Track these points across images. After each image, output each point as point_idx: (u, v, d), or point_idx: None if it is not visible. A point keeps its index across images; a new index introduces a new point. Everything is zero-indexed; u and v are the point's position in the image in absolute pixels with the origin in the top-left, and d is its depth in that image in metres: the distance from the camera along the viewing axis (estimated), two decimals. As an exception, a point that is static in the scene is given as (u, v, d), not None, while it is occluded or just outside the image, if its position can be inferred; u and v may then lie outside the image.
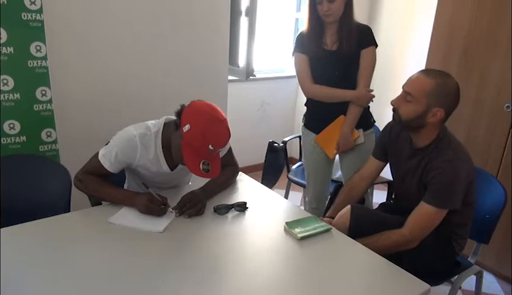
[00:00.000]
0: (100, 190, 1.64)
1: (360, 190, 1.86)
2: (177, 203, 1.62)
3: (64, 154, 2.22)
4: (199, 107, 1.52)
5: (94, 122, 2.42)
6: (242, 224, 1.59)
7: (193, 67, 2.69)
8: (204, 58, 2.71)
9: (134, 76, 2.50)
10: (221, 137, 1.51)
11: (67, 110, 2.32)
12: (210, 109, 1.51)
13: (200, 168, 1.47)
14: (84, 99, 2.38)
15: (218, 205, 1.64)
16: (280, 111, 4.15)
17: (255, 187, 1.91)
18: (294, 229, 1.50)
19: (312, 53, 2.14)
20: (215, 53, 2.75)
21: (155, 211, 1.54)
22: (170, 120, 1.66)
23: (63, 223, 1.55)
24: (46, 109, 2.10)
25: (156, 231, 1.47)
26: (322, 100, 2.20)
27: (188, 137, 1.46)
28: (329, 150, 2.26)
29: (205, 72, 2.75)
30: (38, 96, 2.06)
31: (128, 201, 1.60)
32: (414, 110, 1.56)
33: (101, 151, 1.65)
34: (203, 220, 1.58)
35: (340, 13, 2.04)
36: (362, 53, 2.09)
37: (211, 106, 1.53)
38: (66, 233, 1.47)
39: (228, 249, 1.42)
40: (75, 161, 1.83)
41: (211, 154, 1.49)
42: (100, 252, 1.36)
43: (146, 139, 1.61)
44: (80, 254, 1.35)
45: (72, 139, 2.35)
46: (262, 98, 3.97)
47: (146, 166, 1.66)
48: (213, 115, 1.49)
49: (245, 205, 1.66)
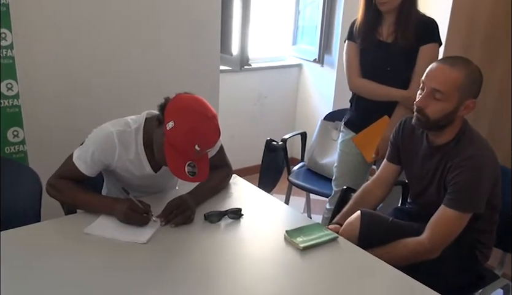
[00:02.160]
0: (74, 196, 1.63)
1: (373, 197, 1.86)
2: (162, 210, 1.61)
3: (33, 156, 2.21)
4: (185, 101, 1.52)
5: (67, 120, 2.40)
6: (237, 233, 1.59)
7: (180, 56, 2.68)
8: (191, 44, 2.70)
9: (112, 66, 2.49)
10: (209, 136, 1.50)
11: (37, 107, 2.31)
12: (197, 104, 1.50)
13: (185, 171, 1.46)
14: (55, 93, 2.36)
15: (210, 212, 1.63)
16: (280, 105, 4.14)
17: (251, 191, 1.91)
18: (295, 238, 1.50)
19: (363, 42, 2.16)
20: (205, 39, 2.75)
21: (135, 220, 1.53)
22: (152, 115, 1.65)
23: (33, 234, 1.53)
24: (13, 105, 2.08)
25: (139, 242, 1.47)
26: (367, 97, 2.22)
27: (172, 136, 1.46)
28: (367, 153, 2.28)
29: (193, 61, 2.74)
30: (3, 91, 2.05)
31: (106, 209, 1.60)
32: (444, 108, 1.57)
33: (76, 152, 1.65)
34: (192, 230, 1.58)
35: (398, 1, 2.04)
36: (421, 50, 2.09)
37: (199, 100, 1.53)
38: (36, 245, 1.46)
39: (221, 262, 1.42)
40: (46, 164, 1.82)
41: (198, 155, 1.49)
42: (76, 266, 1.35)
43: (125, 137, 1.61)
44: (52, 269, 1.34)
45: (42, 140, 2.34)
46: (259, 91, 3.96)
47: (126, 167, 1.66)
48: (201, 112, 1.48)
49: (240, 212, 1.66)
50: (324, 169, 2.82)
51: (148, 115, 1.66)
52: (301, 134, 3.08)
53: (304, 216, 1.76)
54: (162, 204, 1.63)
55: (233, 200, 1.81)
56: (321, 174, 2.84)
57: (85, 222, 1.56)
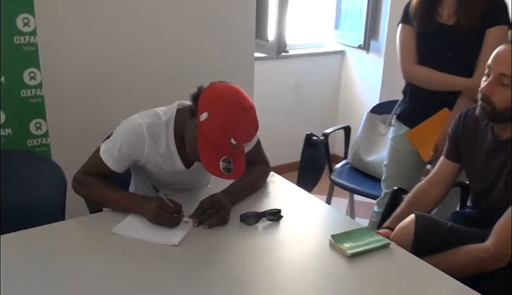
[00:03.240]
0: (101, 193, 1.65)
1: (428, 199, 1.82)
2: (194, 210, 1.61)
3: (56, 150, 2.25)
4: (220, 90, 1.51)
5: (93, 111, 2.44)
6: (276, 237, 1.59)
7: (212, 42, 2.68)
8: (223, 30, 2.70)
9: (140, 55, 2.51)
10: (246, 129, 1.50)
11: (61, 97, 2.35)
12: (233, 94, 1.50)
13: (219, 167, 1.47)
14: (81, 82, 2.40)
15: (246, 213, 1.63)
16: (320, 96, 4.12)
17: (291, 190, 1.90)
18: (342, 244, 1.48)
19: (421, 25, 2.12)
20: (238, 23, 2.74)
21: (165, 221, 1.54)
22: (184, 105, 1.66)
23: (57, 233, 1.55)
24: (36, 95, 2.12)
25: (170, 244, 1.47)
26: (424, 86, 2.18)
27: (206, 128, 1.46)
28: (423, 150, 2.24)
29: (226, 48, 2.74)
30: (26, 80, 2.09)
31: (134, 208, 1.61)
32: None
33: (103, 146, 1.66)
34: (227, 232, 1.58)
35: None
36: (488, 33, 2.03)
37: (235, 89, 1.52)
38: (61, 245, 1.48)
39: (258, 268, 1.41)
40: (70, 158, 1.84)
41: (233, 150, 1.48)
42: (102, 269, 1.36)
43: (155, 129, 1.62)
44: (77, 271, 1.35)
45: (65, 132, 2.38)
46: (297, 80, 3.95)
47: (156, 162, 1.66)
48: (238, 102, 1.47)
49: (279, 213, 1.65)
50: (370, 167, 2.79)
51: (179, 106, 1.66)
52: (344, 128, 3.05)
53: (350, 219, 1.74)
54: (194, 204, 1.63)
55: (271, 200, 1.80)
56: (366, 173, 2.81)
57: (112, 221, 1.57)
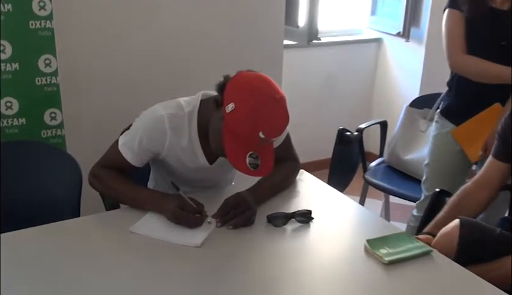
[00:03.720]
0: (118, 189, 1.66)
1: (474, 203, 1.79)
2: (217, 209, 1.61)
3: (72, 141, 2.29)
4: (248, 80, 1.51)
5: (112, 100, 2.47)
6: (306, 240, 1.58)
7: (239, 29, 2.68)
8: (252, 15, 2.70)
9: (164, 41, 2.53)
10: (276, 122, 1.49)
11: (77, 85, 2.38)
12: (263, 84, 1.49)
13: (246, 163, 1.47)
14: (99, 70, 2.43)
15: (274, 214, 1.62)
16: (354, 88, 4.10)
17: (321, 190, 1.90)
18: (379, 250, 1.47)
19: (471, 10, 2.09)
20: (267, 9, 2.74)
21: (186, 221, 1.54)
22: (209, 96, 1.66)
23: (71, 231, 1.57)
24: (51, 84, 2.16)
25: (192, 245, 1.48)
26: (474, 78, 2.14)
27: (232, 120, 1.46)
28: (471, 150, 2.21)
29: (254, 35, 2.74)
30: (41, 67, 2.13)
31: (153, 205, 1.62)
32: None
33: (121, 138, 1.68)
34: (253, 233, 1.58)
35: None
36: None
37: (265, 78, 1.52)
38: (75, 244, 1.50)
39: (286, 274, 1.41)
40: (86, 151, 1.87)
41: (262, 144, 1.48)
42: (118, 270, 1.38)
43: (177, 121, 1.62)
44: (91, 272, 1.36)
45: (82, 123, 2.42)
46: (329, 70, 3.93)
47: (177, 157, 1.67)
48: (267, 92, 1.47)
49: (309, 215, 1.64)
50: (408, 166, 2.76)
51: (204, 96, 1.67)
52: (380, 123, 3.03)
53: (387, 222, 1.72)
54: (217, 203, 1.64)
55: (300, 200, 1.80)
56: (404, 172, 2.79)
57: (130, 219, 1.59)
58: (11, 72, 2.07)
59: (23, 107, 2.13)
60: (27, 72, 2.10)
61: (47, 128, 2.21)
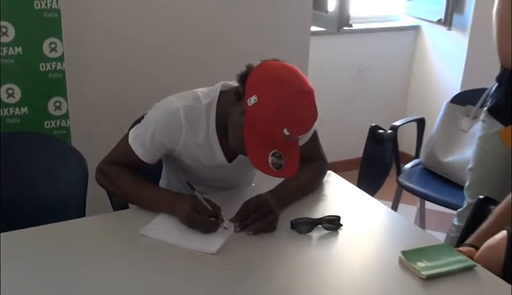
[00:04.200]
0: (128, 187, 1.67)
1: None
2: (235, 213, 1.61)
3: (77, 133, 2.30)
4: (273, 70, 1.50)
5: (122, 90, 2.48)
6: (334, 250, 1.58)
7: (261, 12, 2.68)
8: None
9: (180, 25, 2.53)
10: (303, 117, 1.48)
11: (84, 73, 2.40)
12: (289, 74, 1.49)
13: (268, 162, 1.46)
14: (108, 56, 2.44)
15: (298, 219, 1.62)
16: (388, 81, 4.10)
17: (350, 193, 1.90)
18: (416, 263, 1.45)
19: None
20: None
21: (200, 225, 1.54)
22: (229, 87, 1.66)
23: (75, 232, 1.58)
24: (56, 70, 2.17)
25: (208, 252, 1.47)
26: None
27: (254, 114, 1.46)
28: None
29: (278, 20, 2.74)
30: (45, 51, 2.14)
31: (165, 207, 1.62)
32: None
33: (132, 132, 1.68)
34: (274, 240, 1.57)
35: None
36: None
37: (291, 69, 1.51)
38: (79, 246, 1.50)
39: (311, 287, 1.40)
40: (92, 144, 1.88)
41: (286, 142, 1.47)
42: (126, 277, 1.38)
43: (194, 115, 1.62)
44: (97, 279, 1.37)
45: (89, 113, 2.43)
46: (360, 60, 3.93)
47: (193, 154, 1.67)
48: (294, 84, 1.46)
49: (337, 221, 1.64)
50: (447, 170, 2.75)
51: (223, 87, 1.66)
52: (416, 120, 3.02)
53: (424, 231, 1.70)
54: (236, 205, 1.64)
55: (327, 204, 1.79)
56: (443, 176, 2.78)
57: (140, 221, 1.59)
58: (13, 56, 2.09)
59: (25, 95, 2.15)
60: (30, 56, 2.12)
61: (51, 119, 2.22)
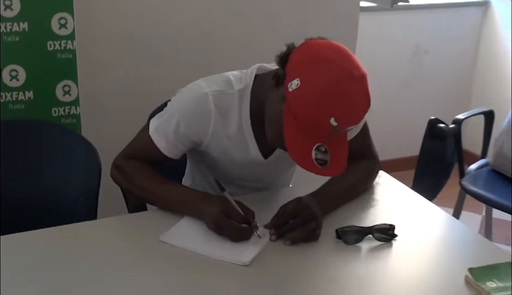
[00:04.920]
0: (147, 185, 1.67)
1: None
2: (271, 218, 1.61)
3: (88, 122, 2.31)
4: (319, 50, 1.48)
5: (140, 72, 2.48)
6: (387, 264, 1.58)
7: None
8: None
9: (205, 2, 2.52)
10: (353, 106, 1.46)
11: (98, 53, 2.41)
12: (339, 55, 1.46)
13: (312, 157, 1.45)
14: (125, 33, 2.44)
15: (345, 227, 1.60)
16: (449, 66, 4.09)
17: (406, 197, 1.90)
18: (485, 283, 1.43)
19: None
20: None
21: (230, 232, 1.53)
22: (266, 70, 1.65)
23: (86, 237, 1.59)
24: (66, 49, 2.19)
25: (239, 263, 1.47)
26: None
27: (296, 101, 1.44)
28: None
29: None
30: (54, 28, 2.15)
31: (191, 209, 1.62)
32: None
33: (153, 122, 1.68)
34: (317, 252, 1.57)
35: None
36: None
37: (341, 49, 1.48)
38: (90, 253, 1.50)
39: (362, 307, 1.39)
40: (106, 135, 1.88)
41: (333, 134, 1.45)
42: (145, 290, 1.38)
43: (225, 102, 1.62)
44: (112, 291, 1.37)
45: (102, 100, 2.44)
46: (417, 41, 3.93)
47: (223, 147, 1.67)
48: (344, 67, 1.44)
49: (391, 230, 1.62)
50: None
51: (259, 70, 1.65)
52: (484, 113, 3.01)
53: (494, 245, 1.68)
54: (271, 210, 1.63)
55: (379, 210, 1.79)
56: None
57: (160, 225, 1.59)
58: (18, 33, 2.11)
59: (31, 77, 2.17)
60: (37, 34, 2.14)
61: (59, 105, 2.24)
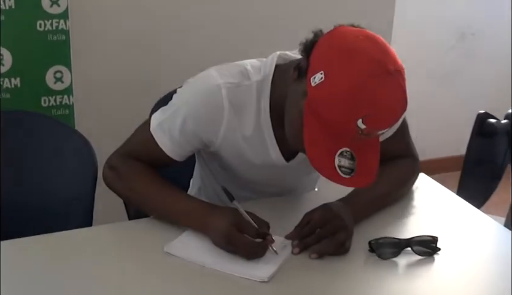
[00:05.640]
0: (145, 191, 1.67)
1: None
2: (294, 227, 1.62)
3: (83, 114, 2.32)
4: (348, 38, 1.47)
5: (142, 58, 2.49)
6: (429, 283, 1.57)
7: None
8: None
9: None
10: (387, 105, 1.44)
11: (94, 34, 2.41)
12: (371, 45, 1.45)
13: (335, 164, 1.44)
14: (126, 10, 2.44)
15: (379, 239, 1.61)
16: (501, 51, 4.07)
17: (449, 203, 1.91)
18: None
19: None
20: None
21: (243, 249, 1.52)
22: (289, 59, 1.65)
23: (80, 246, 1.60)
24: (58, 30, 2.19)
25: (257, 279, 1.47)
26: None
27: (319, 97, 1.44)
28: None
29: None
30: (45, 5, 2.16)
31: (194, 221, 1.61)
32: None
33: (156, 117, 1.68)
34: (347, 268, 1.57)
35: None
36: None
37: (374, 38, 1.47)
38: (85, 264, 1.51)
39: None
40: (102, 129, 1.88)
41: (361, 138, 1.44)
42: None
43: (240, 95, 1.62)
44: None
45: (99, 88, 2.44)
46: (462, 24, 3.93)
47: (238, 149, 1.67)
48: (377, 59, 1.42)
49: (433, 243, 1.62)
50: None
51: (280, 59, 1.65)
52: None
53: None
54: (294, 217, 1.64)
55: (419, 219, 1.80)
56: None
57: (164, 234, 1.60)
58: (4, 11, 2.11)
59: (18, 62, 2.17)
60: (25, 12, 2.14)
61: (50, 94, 2.25)
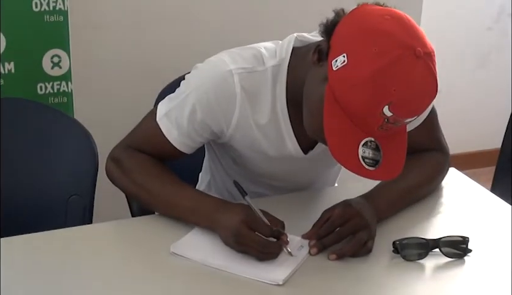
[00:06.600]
0: (150, 185, 1.68)
1: None
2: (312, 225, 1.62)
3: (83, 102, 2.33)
4: (373, 18, 1.47)
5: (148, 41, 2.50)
6: (459, 287, 1.58)
7: None
8: None
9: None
10: (415, 91, 1.44)
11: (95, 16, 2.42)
12: (398, 26, 1.45)
13: (358, 156, 1.45)
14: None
15: (404, 239, 1.61)
16: None
17: (482, 201, 1.91)
18: None
19: None
20: None
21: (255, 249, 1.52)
22: (306, 42, 1.65)
23: (79, 244, 1.61)
24: (56, 10, 2.19)
25: (270, 282, 1.47)
26: None
27: (341, 82, 1.44)
28: None
29: None
30: (41, -18, 2.17)
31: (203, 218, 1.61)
32: None
33: (162, 106, 1.68)
34: (369, 269, 1.57)
35: None
36: None
37: (401, 18, 1.47)
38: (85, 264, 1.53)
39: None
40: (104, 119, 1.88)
41: (386, 126, 1.45)
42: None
43: (254, 82, 1.63)
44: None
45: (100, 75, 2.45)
46: (500, 2, 3.90)
47: (251, 140, 1.68)
48: (404, 42, 1.42)
49: (464, 244, 1.62)
50: None
51: (297, 41, 1.65)
52: None
53: None
54: (312, 214, 1.64)
55: (448, 218, 1.80)
56: None
57: (170, 233, 1.61)
58: (-3, -12, 2.13)
59: (12, 45, 2.18)
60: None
61: (47, 80, 2.26)
